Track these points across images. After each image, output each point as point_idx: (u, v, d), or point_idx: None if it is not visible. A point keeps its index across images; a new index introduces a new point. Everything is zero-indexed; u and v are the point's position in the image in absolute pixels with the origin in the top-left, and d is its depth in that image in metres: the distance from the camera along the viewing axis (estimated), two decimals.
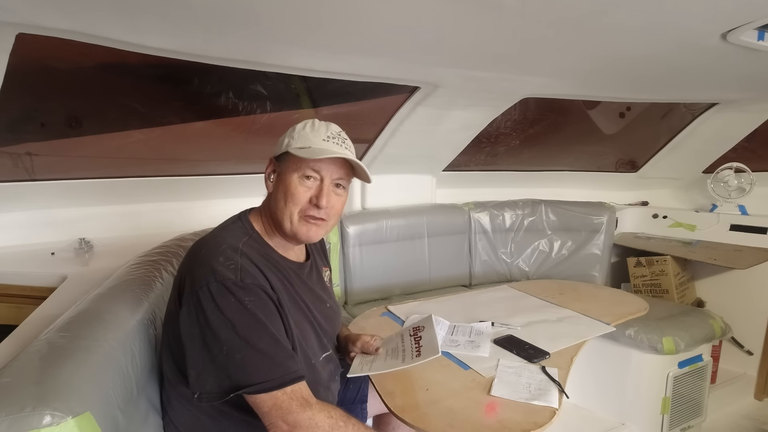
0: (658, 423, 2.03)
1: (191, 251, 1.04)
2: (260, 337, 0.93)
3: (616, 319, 1.62)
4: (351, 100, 2.31)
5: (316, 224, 1.07)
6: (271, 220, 1.10)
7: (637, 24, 1.31)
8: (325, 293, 1.24)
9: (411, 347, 1.24)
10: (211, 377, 0.93)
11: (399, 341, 1.30)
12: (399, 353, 1.23)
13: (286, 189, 1.05)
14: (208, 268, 0.95)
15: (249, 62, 1.64)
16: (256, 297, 0.95)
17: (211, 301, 0.93)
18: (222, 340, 0.92)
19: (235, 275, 0.95)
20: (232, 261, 0.97)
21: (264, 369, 0.92)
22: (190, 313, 0.94)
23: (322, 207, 1.05)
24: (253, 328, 0.93)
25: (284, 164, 1.07)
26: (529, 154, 3.13)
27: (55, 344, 0.87)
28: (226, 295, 0.93)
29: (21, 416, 0.68)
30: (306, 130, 1.07)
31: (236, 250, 1.00)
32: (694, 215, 2.83)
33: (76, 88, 1.87)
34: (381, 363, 1.21)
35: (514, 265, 2.77)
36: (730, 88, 2.16)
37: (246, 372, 0.91)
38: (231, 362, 0.91)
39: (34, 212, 1.95)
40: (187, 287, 0.97)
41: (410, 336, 1.30)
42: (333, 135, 1.08)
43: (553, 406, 1.09)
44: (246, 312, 0.93)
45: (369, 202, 2.60)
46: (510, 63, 1.73)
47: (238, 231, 1.07)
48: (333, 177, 1.07)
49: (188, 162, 2.26)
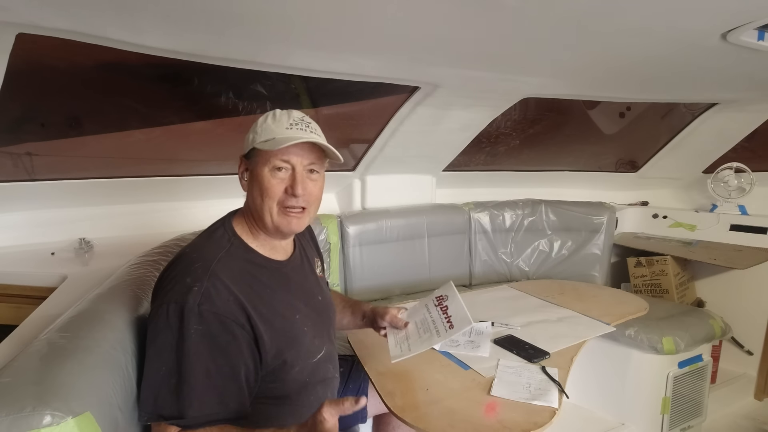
0: (658, 423, 2.03)
1: (173, 260, 1.04)
2: (194, 370, 0.92)
3: (616, 319, 1.62)
4: (351, 100, 2.31)
5: (297, 215, 1.06)
6: (253, 220, 1.09)
7: (637, 24, 1.31)
8: (316, 286, 1.23)
9: (441, 318, 1.22)
10: (141, 393, 0.94)
11: (425, 313, 1.27)
12: (430, 326, 1.21)
13: (260, 184, 1.04)
14: (176, 287, 0.95)
15: (249, 62, 1.64)
16: (205, 327, 0.93)
17: (165, 320, 0.93)
18: (162, 360, 0.93)
19: (194, 299, 0.93)
20: (198, 283, 0.95)
21: (188, 403, 0.91)
22: (150, 325, 0.96)
23: (298, 195, 1.03)
24: (189, 358, 0.92)
25: (253, 160, 1.06)
26: (529, 154, 3.13)
27: (55, 344, 0.87)
28: (178, 318, 0.93)
29: (21, 416, 0.68)
30: (268, 122, 1.06)
31: (207, 269, 0.98)
32: (694, 215, 2.83)
33: (76, 88, 1.87)
34: (417, 340, 1.20)
35: (514, 265, 2.77)
36: (730, 88, 2.16)
37: (173, 400, 0.91)
38: (163, 385, 0.92)
39: (34, 212, 1.94)
40: (155, 299, 0.98)
41: (435, 306, 1.27)
42: (296, 121, 1.06)
43: (553, 406, 1.09)
44: (188, 341, 0.92)
45: (369, 202, 2.60)
46: (510, 63, 1.73)
47: (219, 241, 1.05)
48: (304, 163, 1.05)
49: (188, 162, 2.26)
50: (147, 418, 0.93)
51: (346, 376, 1.41)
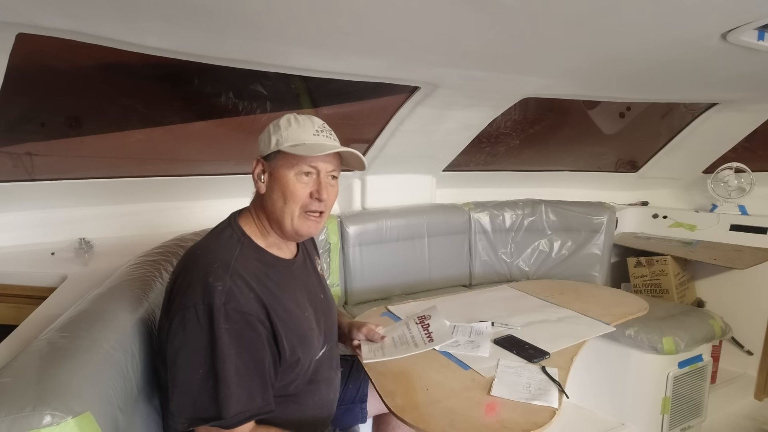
0: (658, 423, 2.03)
1: (185, 264, 1.03)
2: (226, 369, 0.93)
3: (616, 319, 1.62)
4: (351, 100, 2.31)
5: (316, 220, 1.08)
6: (267, 221, 1.10)
7: (637, 24, 1.31)
8: (318, 285, 1.24)
9: (421, 334, 1.24)
10: (174, 400, 0.94)
11: (405, 330, 1.30)
12: (408, 341, 1.23)
13: (284, 188, 1.05)
14: (198, 289, 0.95)
15: (249, 62, 1.64)
16: (232, 325, 0.94)
17: (195, 323, 0.93)
18: (199, 363, 0.93)
19: (220, 299, 0.94)
20: (221, 282, 0.96)
21: (225, 402, 0.92)
22: (175, 330, 0.95)
23: (323, 200, 1.06)
24: (221, 357, 0.92)
25: (276, 163, 1.06)
26: (529, 154, 3.13)
27: (55, 344, 0.87)
28: (209, 319, 0.93)
29: (21, 416, 0.68)
30: (293, 126, 1.07)
31: (228, 268, 0.99)
32: (694, 215, 2.83)
33: (76, 88, 1.87)
34: (392, 349, 1.21)
35: (514, 265, 2.77)
36: (730, 88, 2.16)
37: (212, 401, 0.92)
38: (201, 387, 0.92)
39: (34, 212, 1.95)
40: (176, 302, 0.97)
41: (416, 324, 1.30)
42: (320, 128, 1.09)
43: (553, 406, 1.09)
44: (219, 340, 0.93)
45: (369, 202, 2.60)
46: (510, 63, 1.73)
47: (231, 241, 1.06)
48: (328, 169, 1.08)
49: (188, 162, 2.26)
50: (188, 423, 0.93)
51: (346, 376, 1.41)
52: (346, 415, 1.37)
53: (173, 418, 0.96)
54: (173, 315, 0.96)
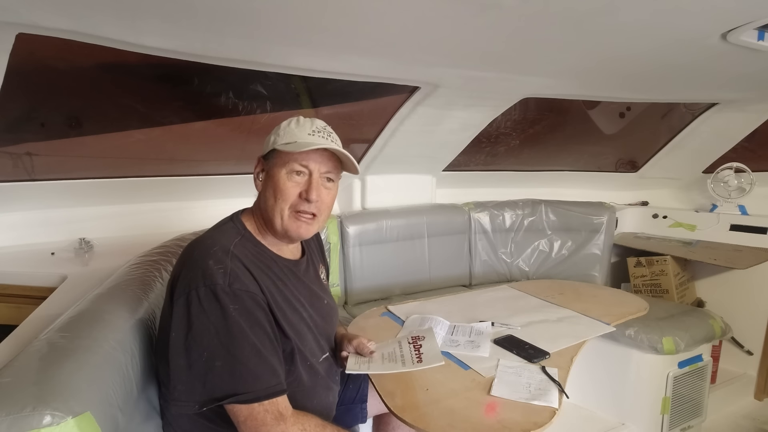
0: (658, 423, 2.03)
1: (184, 253, 1.04)
2: (242, 347, 0.93)
3: (616, 319, 1.62)
4: (351, 100, 2.30)
5: (307, 221, 1.07)
6: (262, 219, 1.10)
7: (637, 24, 1.31)
8: (321, 290, 1.24)
9: (411, 354, 1.24)
10: (181, 384, 0.94)
11: (396, 347, 1.30)
12: (397, 358, 1.23)
13: (275, 185, 1.06)
14: (198, 272, 0.95)
15: (249, 62, 1.64)
16: (241, 305, 0.95)
17: (198, 305, 0.93)
18: (204, 346, 0.92)
19: (224, 280, 0.95)
20: (221, 264, 0.97)
21: (243, 380, 0.92)
22: (177, 315, 0.95)
23: (312, 201, 1.05)
24: (235, 337, 0.93)
25: (272, 161, 1.08)
26: (529, 154, 3.13)
27: (55, 344, 0.87)
28: (213, 300, 0.93)
29: (21, 416, 0.68)
30: (291, 126, 1.08)
31: (227, 252, 1.00)
32: (694, 215, 2.83)
33: (76, 88, 1.86)
34: (378, 364, 1.21)
35: (514, 265, 2.77)
36: (730, 88, 2.16)
37: (225, 381, 0.92)
38: (209, 369, 0.92)
39: (34, 212, 1.95)
40: (177, 289, 0.97)
41: (409, 344, 1.30)
42: (318, 129, 1.08)
43: (553, 406, 1.09)
44: (230, 320, 0.93)
45: (369, 202, 2.60)
46: (510, 63, 1.73)
47: (231, 231, 1.07)
48: (321, 170, 1.07)
49: (188, 162, 2.25)
50: (199, 405, 0.94)
51: (346, 376, 1.41)
52: (346, 415, 1.37)
53: (179, 404, 0.96)
54: (176, 302, 0.96)
